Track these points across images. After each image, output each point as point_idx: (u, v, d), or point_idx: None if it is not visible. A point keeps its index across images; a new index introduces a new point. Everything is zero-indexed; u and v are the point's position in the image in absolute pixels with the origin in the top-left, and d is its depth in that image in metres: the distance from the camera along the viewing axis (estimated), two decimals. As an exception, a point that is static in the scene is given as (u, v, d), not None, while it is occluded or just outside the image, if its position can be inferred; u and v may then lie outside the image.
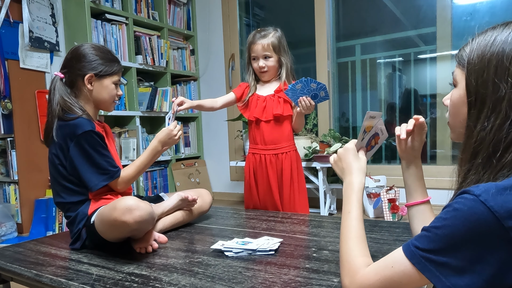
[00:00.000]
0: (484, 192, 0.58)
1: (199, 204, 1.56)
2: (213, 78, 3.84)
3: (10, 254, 1.29)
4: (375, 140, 0.98)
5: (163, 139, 1.47)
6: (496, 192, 0.57)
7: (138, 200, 1.16)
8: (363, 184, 0.90)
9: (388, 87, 3.34)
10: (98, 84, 1.41)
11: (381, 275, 0.68)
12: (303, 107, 1.70)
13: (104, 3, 3.05)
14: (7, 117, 2.67)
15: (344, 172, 0.94)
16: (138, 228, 1.16)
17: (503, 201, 0.56)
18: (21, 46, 2.71)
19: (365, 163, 0.93)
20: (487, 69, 0.64)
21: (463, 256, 0.58)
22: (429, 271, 0.61)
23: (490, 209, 0.56)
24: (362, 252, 0.78)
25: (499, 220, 0.56)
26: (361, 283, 0.71)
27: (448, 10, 2.86)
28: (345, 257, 0.78)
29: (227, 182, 3.91)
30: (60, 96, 1.37)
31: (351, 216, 0.84)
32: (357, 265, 0.74)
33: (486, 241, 0.57)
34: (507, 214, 0.55)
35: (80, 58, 1.39)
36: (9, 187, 2.75)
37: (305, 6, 3.37)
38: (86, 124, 1.31)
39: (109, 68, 1.42)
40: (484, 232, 0.57)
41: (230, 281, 0.96)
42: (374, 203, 2.81)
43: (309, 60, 3.47)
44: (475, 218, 0.57)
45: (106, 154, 1.35)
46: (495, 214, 0.56)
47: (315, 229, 1.41)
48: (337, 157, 0.97)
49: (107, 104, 1.47)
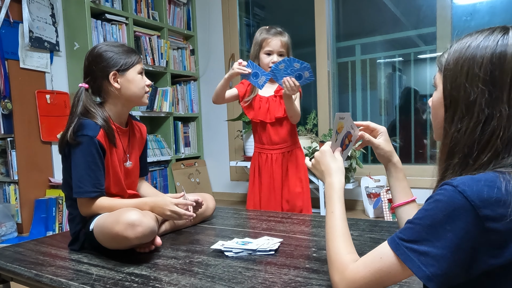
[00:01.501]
0: (462, 183, 0.61)
1: (203, 209, 1.53)
2: (213, 78, 3.85)
3: (10, 254, 1.29)
4: (348, 138, 1.00)
5: (157, 203, 1.29)
6: (472, 183, 0.61)
7: (142, 215, 1.14)
8: (343, 183, 0.92)
9: (388, 87, 3.34)
10: (123, 79, 1.36)
11: (371, 267, 0.70)
12: (287, 87, 1.67)
13: (104, 3, 3.05)
14: (7, 117, 2.67)
15: (323, 174, 0.96)
16: (138, 243, 1.15)
17: (478, 191, 0.60)
18: (21, 46, 2.71)
19: (342, 163, 0.96)
20: (459, 74, 0.67)
21: (443, 245, 0.62)
22: (410, 260, 0.64)
23: (467, 198, 0.60)
24: (348, 250, 0.80)
25: (474, 208, 0.59)
26: (352, 278, 0.73)
27: (448, 10, 2.86)
28: (333, 256, 0.80)
29: (227, 182, 3.91)
30: (83, 107, 1.32)
31: (335, 216, 0.87)
32: (345, 261, 0.76)
33: (463, 230, 0.60)
34: (481, 204, 0.59)
35: (97, 60, 1.35)
36: (9, 187, 2.75)
37: (305, 6, 3.37)
38: (88, 129, 1.27)
39: (129, 59, 1.37)
40: (461, 221, 0.60)
41: (230, 281, 0.96)
42: (374, 203, 2.81)
43: (309, 60, 3.45)
44: (454, 207, 0.61)
45: (93, 169, 1.27)
46: (471, 203, 0.60)
47: (315, 229, 1.41)
48: (315, 160, 0.99)
49: (139, 98, 1.40)
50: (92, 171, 1.27)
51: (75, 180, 1.26)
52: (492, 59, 0.64)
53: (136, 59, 1.39)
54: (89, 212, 1.29)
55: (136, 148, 1.50)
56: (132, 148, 1.48)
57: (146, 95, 1.44)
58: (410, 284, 0.88)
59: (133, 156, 1.48)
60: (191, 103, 3.91)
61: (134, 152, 1.49)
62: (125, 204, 1.27)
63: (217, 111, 3.86)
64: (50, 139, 2.86)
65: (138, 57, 1.40)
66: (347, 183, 2.98)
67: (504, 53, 0.64)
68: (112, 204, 1.28)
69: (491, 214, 0.59)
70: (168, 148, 3.64)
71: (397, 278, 0.69)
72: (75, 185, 1.26)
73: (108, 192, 1.35)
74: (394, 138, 3.23)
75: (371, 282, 0.71)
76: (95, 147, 1.27)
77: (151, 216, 1.24)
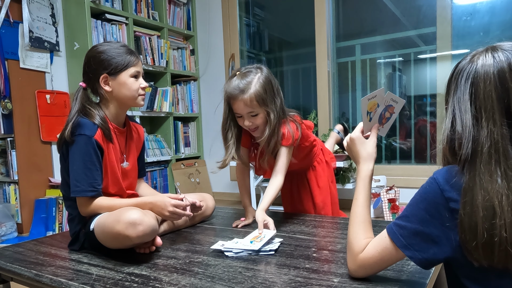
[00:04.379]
0: (438, 173, 0.75)
1: (203, 209, 1.53)
2: (213, 78, 3.84)
3: (10, 254, 1.29)
4: (389, 111, 1.01)
5: (156, 203, 1.28)
6: (446, 172, 0.74)
7: (143, 214, 1.14)
8: (369, 171, 0.97)
9: (388, 87, 3.34)
10: (115, 82, 1.34)
11: (378, 247, 0.82)
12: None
13: (104, 3, 3.05)
14: (7, 117, 2.67)
15: (354, 161, 1.03)
16: (140, 242, 1.15)
17: (448, 177, 0.73)
18: (21, 46, 2.71)
19: (373, 147, 1.00)
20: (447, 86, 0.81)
21: (417, 220, 0.76)
22: (393, 233, 0.79)
23: (438, 184, 0.74)
24: (367, 235, 0.88)
25: (441, 191, 0.73)
26: (363, 258, 0.85)
27: (448, 10, 2.86)
28: (350, 241, 0.89)
29: (227, 182, 3.91)
30: (81, 104, 1.33)
31: (358, 202, 0.94)
32: (361, 245, 0.86)
33: (432, 207, 0.74)
34: (448, 187, 0.72)
35: (91, 62, 1.34)
36: (9, 187, 2.75)
37: (305, 6, 3.37)
38: (86, 128, 1.27)
39: (121, 61, 1.33)
40: (431, 201, 0.74)
41: (230, 281, 0.96)
42: (374, 203, 2.81)
43: (309, 60, 3.47)
44: (428, 192, 0.75)
45: (90, 168, 1.26)
46: (439, 187, 0.73)
47: (315, 229, 1.41)
48: (347, 147, 1.04)
49: (132, 101, 1.38)
50: (89, 170, 1.26)
51: (72, 179, 1.26)
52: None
53: (130, 61, 1.35)
54: (88, 211, 1.28)
55: (133, 149, 1.49)
56: (129, 149, 1.48)
57: (141, 97, 1.40)
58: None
59: (131, 157, 1.48)
60: (191, 103, 3.91)
61: (131, 153, 1.48)
62: (124, 204, 1.27)
63: (217, 111, 3.85)
64: (50, 139, 2.86)
65: (134, 60, 1.36)
66: (347, 183, 2.98)
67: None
68: (112, 203, 1.28)
69: (452, 197, 0.72)
70: (168, 148, 3.64)
71: (395, 255, 0.80)
72: (72, 184, 1.26)
73: (106, 192, 1.35)
74: (394, 138, 3.23)
75: (379, 261, 0.83)
76: (92, 147, 1.27)
77: (152, 215, 1.24)
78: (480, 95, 0.71)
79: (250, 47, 3.85)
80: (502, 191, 0.67)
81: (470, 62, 0.75)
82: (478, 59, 0.74)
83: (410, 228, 0.76)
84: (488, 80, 0.71)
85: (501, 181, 0.67)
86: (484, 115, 0.71)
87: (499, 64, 0.71)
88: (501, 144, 0.69)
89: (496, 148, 0.69)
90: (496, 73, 0.71)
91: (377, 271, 0.87)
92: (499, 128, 0.69)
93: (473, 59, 0.75)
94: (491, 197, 0.67)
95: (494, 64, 0.71)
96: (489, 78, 0.71)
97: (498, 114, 0.70)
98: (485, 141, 0.70)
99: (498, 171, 0.68)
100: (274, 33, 3.86)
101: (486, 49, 0.75)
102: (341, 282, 0.91)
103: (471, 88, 0.73)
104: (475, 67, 0.73)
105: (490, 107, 0.70)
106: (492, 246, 0.66)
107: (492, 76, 0.71)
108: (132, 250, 1.22)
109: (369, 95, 0.98)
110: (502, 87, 0.70)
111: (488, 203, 0.67)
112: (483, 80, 0.71)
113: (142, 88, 1.39)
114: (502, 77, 0.70)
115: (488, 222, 0.66)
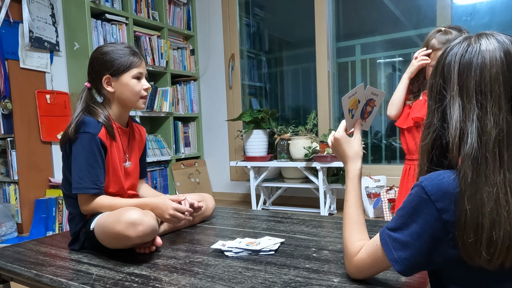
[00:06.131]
0: (426, 179, 0.70)
1: (203, 209, 1.53)
2: (213, 78, 3.84)
3: (10, 254, 1.29)
4: (371, 104, 1.00)
5: (158, 205, 1.29)
6: (435, 177, 0.69)
7: (143, 214, 1.14)
8: (357, 170, 0.96)
9: (388, 87, 3.34)
10: (117, 84, 1.36)
11: (370, 254, 0.81)
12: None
13: (104, 3, 3.05)
14: (7, 117, 2.67)
15: (341, 160, 1.01)
16: (140, 242, 1.16)
17: (438, 185, 0.68)
18: (21, 46, 2.71)
19: (359, 145, 0.98)
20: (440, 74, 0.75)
21: (409, 233, 0.71)
22: (386, 245, 0.75)
23: (428, 193, 0.68)
24: (360, 237, 0.87)
25: (433, 202, 0.68)
26: (357, 264, 0.84)
27: (448, 10, 2.86)
28: (345, 243, 0.88)
29: (227, 182, 3.91)
30: (85, 103, 1.35)
31: (348, 204, 0.93)
32: (355, 249, 0.85)
33: (424, 220, 0.69)
34: (439, 198, 0.67)
35: (94, 63, 1.36)
36: (9, 187, 2.75)
37: (305, 6, 3.37)
38: (90, 126, 1.28)
39: (123, 62, 1.35)
40: (423, 213, 0.69)
41: (230, 281, 0.96)
42: (374, 203, 2.81)
43: (309, 60, 3.47)
44: (417, 200, 0.70)
45: (93, 166, 1.27)
46: (430, 197, 0.68)
47: (315, 229, 1.41)
48: (332, 147, 1.02)
49: (133, 102, 1.39)
50: (92, 168, 1.27)
51: (74, 176, 1.27)
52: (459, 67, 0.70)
53: (133, 62, 1.36)
54: (89, 209, 1.29)
55: (135, 149, 1.50)
56: (132, 149, 1.49)
57: (142, 100, 1.41)
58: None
59: (133, 157, 1.49)
60: (191, 103, 3.91)
61: (133, 153, 1.49)
62: (126, 204, 1.27)
63: (217, 111, 3.86)
64: (50, 139, 2.86)
65: (136, 61, 1.37)
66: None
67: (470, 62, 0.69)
68: (113, 203, 1.28)
69: (445, 207, 0.67)
70: (168, 148, 3.64)
71: (386, 265, 0.77)
72: (75, 181, 1.26)
73: (107, 191, 1.35)
74: (394, 138, 3.23)
75: (372, 268, 0.82)
76: (96, 145, 1.28)
77: (152, 215, 1.24)
78: (486, 78, 0.67)
79: (250, 47, 3.85)
80: (508, 183, 0.63)
81: (468, 46, 0.70)
82: (476, 42, 0.70)
83: (402, 241, 0.73)
84: (495, 62, 0.67)
85: (509, 174, 0.63)
86: (491, 100, 0.66)
87: (504, 46, 0.68)
88: (506, 132, 0.65)
89: (502, 136, 0.64)
90: (503, 55, 0.67)
91: (374, 274, 0.86)
92: (505, 114, 0.65)
93: (470, 43, 0.70)
94: (497, 192, 0.63)
95: (499, 47, 0.68)
96: (495, 60, 0.67)
97: (504, 99, 0.66)
98: (492, 130, 0.65)
99: (505, 164, 0.64)
100: (274, 33, 3.86)
101: (479, 35, 0.71)
102: (341, 282, 0.91)
103: (475, 72, 0.68)
104: (477, 50, 0.69)
105: (496, 92, 0.66)
106: (496, 242, 0.63)
107: (499, 58, 0.67)
108: (132, 250, 1.22)
109: (349, 93, 0.97)
110: (509, 71, 0.66)
111: (494, 199, 0.63)
112: (488, 63, 0.67)
113: (145, 89, 1.40)
114: (509, 59, 0.67)
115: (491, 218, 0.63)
